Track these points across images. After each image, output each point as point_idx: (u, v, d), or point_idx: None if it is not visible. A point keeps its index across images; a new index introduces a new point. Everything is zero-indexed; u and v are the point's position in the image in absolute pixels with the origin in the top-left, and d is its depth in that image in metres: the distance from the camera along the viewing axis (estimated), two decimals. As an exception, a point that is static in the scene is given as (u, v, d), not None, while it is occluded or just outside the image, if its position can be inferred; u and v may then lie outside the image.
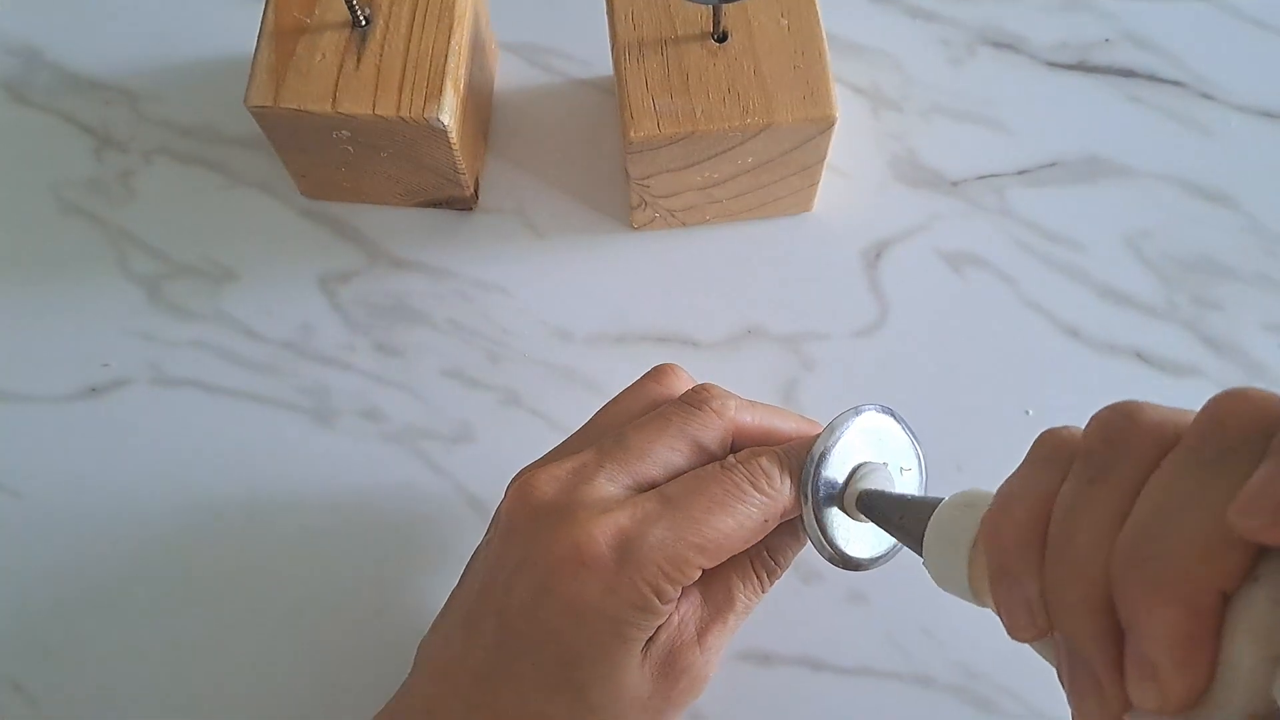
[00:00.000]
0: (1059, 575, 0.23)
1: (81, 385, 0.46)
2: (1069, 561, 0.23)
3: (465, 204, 0.48)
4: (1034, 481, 0.25)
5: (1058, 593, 0.23)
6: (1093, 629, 0.22)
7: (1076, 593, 0.22)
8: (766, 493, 0.32)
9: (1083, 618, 0.22)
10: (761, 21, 0.43)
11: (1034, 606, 0.23)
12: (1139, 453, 0.22)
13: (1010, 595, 0.24)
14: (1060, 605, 0.23)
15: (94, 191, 0.49)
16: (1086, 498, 0.23)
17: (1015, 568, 0.24)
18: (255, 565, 0.43)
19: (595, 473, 0.32)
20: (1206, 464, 0.21)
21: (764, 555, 0.34)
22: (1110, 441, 0.23)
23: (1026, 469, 0.25)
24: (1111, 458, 0.23)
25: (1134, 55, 0.51)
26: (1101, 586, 0.22)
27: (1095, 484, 0.23)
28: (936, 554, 0.28)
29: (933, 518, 0.28)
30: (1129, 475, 0.22)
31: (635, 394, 0.36)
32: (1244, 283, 0.47)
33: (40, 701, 0.41)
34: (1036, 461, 0.25)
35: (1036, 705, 0.40)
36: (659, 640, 0.32)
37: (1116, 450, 0.23)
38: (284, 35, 0.43)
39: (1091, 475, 0.23)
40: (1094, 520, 0.22)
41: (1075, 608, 0.22)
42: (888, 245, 0.47)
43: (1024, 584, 0.24)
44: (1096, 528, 0.22)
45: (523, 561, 0.32)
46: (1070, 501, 0.23)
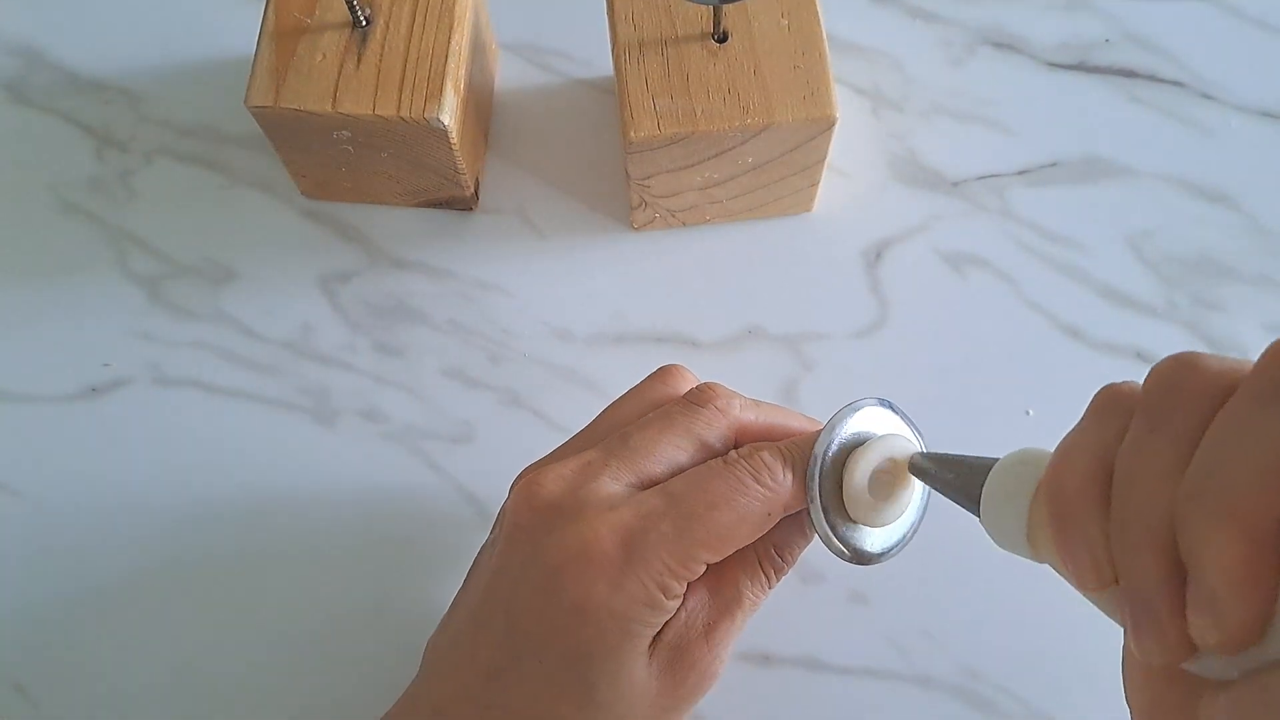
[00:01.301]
0: (1123, 520, 0.23)
1: (82, 385, 0.46)
2: (1133, 506, 0.23)
3: (465, 204, 0.48)
4: (1095, 433, 0.25)
5: (1122, 538, 0.23)
6: (1156, 570, 0.22)
7: (1140, 536, 0.22)
8: (769, 486, 0.32)
9: (1146, 560, 0.22)
10: (762, 22, 0.43)
11: (1099, 554, 0.23)
12: (1200, 400, 0.22)
13: (1075, 544, 0.24)
14: (1124, 549, 0.23)
15: (94, 191, 0.49)
16: (1149, 445, 0.23)
17: (1079, 517, 0.24)
18: (255, 565, 0.43)
19: (600, 471, 0.33)
20: (1268, 402, 0.21)
21: (770, 552, 0.34)
22: (1171, 390, 0.23)
23: (1087, 422, 0.25)
24: (1172, 406, 0.23)
25: (1134, 55, 0.51)
26: (1165, 529, 0.22)
27: (1157, 432, 0.23)
28: (995, 509, 0.28)
29: (991, 473, 0.28)
30: (1190, 422, 0.22)
31: (640, 394, 0.36)
32: (1245, 283, 0.46)
33: (40, 702, 0.41)
34: (1096, 414, 0.25)
35: (1036, 705, 0.40)
36: (666, 637, 0.32)
37: (1177, 398, 0.23)
38: (284, 35, 0.43)
39: (1153, 424, 0.23)
40: (1157, 465, 0.22)
41: (1139, 551, 0.22)
42: (888, 245, 0.47)
43: (1088, 532, 0.24)
44: (1159, 472, 0.22)
45: (529, 560, 0.32)
46: (1133, 449, 0.23)
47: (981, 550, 0.42)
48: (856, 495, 0.32)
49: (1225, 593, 0.20)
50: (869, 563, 0.33)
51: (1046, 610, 0.41)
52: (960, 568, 0.42)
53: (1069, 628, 0.41)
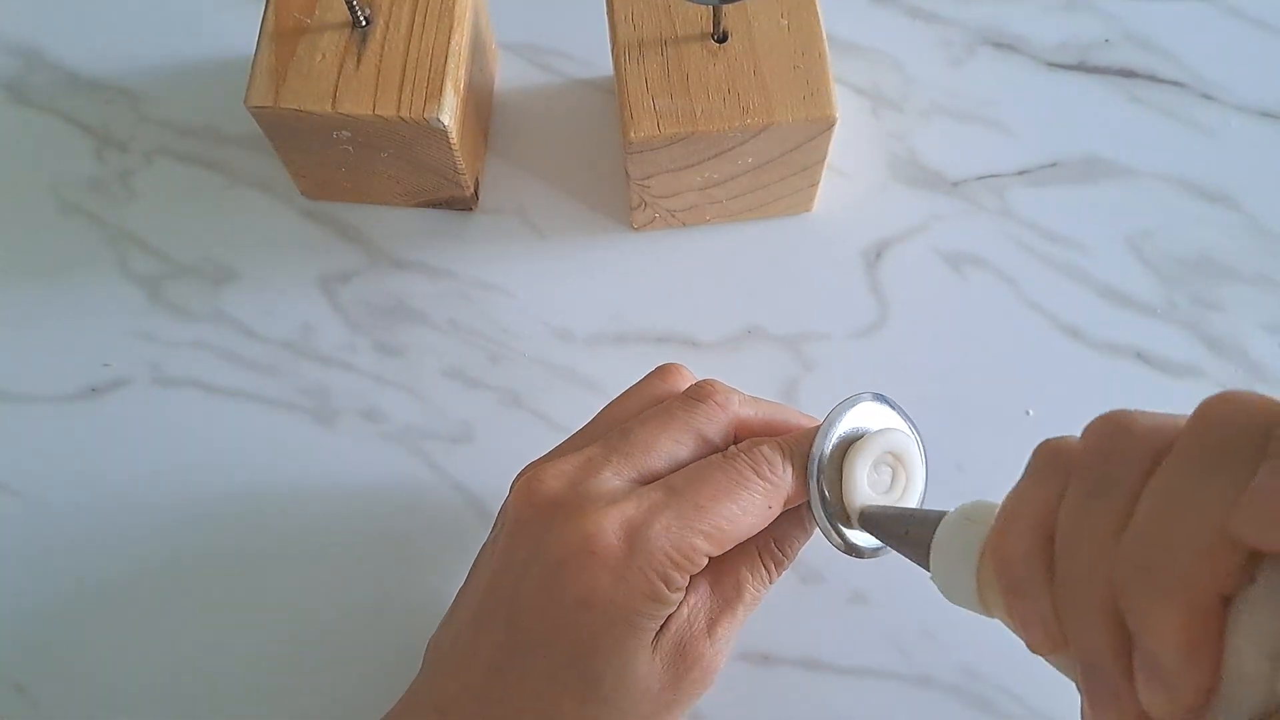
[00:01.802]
0: (1067, 590, 0.23)
1: (82, 385, 0.46)
2: (1076, 576, 0.23)
3: (465, 204, 0.48)
4: (1034, 496, 0.25)
5: (1068, 607, 0.23)
6: (1104, 639, 0.22)
7: (1086, 606, 0.22)
8: (769, 479, 0.32)
9: (1094, 629, 0.22)
10: (762, 22, 0.43)
11: (1048, 621, 0.24)
12: (1134, 463, 0.23)
13: (1024, 612, 0.24)
14: (1071, 618, 0.23)
15: (94, 191, 0.49)
16: (1086, 512, 0.23)
17: (1025, 585, 0.24)
18: (255, 565, 0.43)
19: (601, 467, 0.33)
20: (1200, 469, 0.21)
21: (771, 546, 0.34)
22: (1105, 454, 0.23)
23: (1026, 484, 0.26)
24: (1108, 469, 0.23)
25: (1134, 55, 0.51)
26: (1109, 597, 0.22)
27: (1093, 497, 0.23)
28: (944, 569, 0.28)
29: (937, 533, 0.28)
30: (1126, 486, 0.23)
31: (639, 392, 0.37)
32: (1244, 283, 0.46)
33: (41, 702, 0.41)
34: (1035, 475, 0.25)
35: (1036, 706, 0.40)
36: (669, 631, 0.32)
37: (1111, 462, 0.23)
38: (284, 35, 0.43)
39: (1089, 489, 0.23)
40: (1096, 533, 0.23)
41: (1086, 620, 0.22)
42: (888, 245, 0.47)
43: (1036, 600, 0.24)
44: (1099, 540, 0.22)
45: (531, 556, 0.32)
46: (1071, 517, 0.24)
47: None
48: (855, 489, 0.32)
49: (1171, 664, 0.20)
50: (868, 556, 0.34)
51: (1046, 610, 0.41)
52: (960, 568, 0.42)
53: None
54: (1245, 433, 0.21)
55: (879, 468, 0.33)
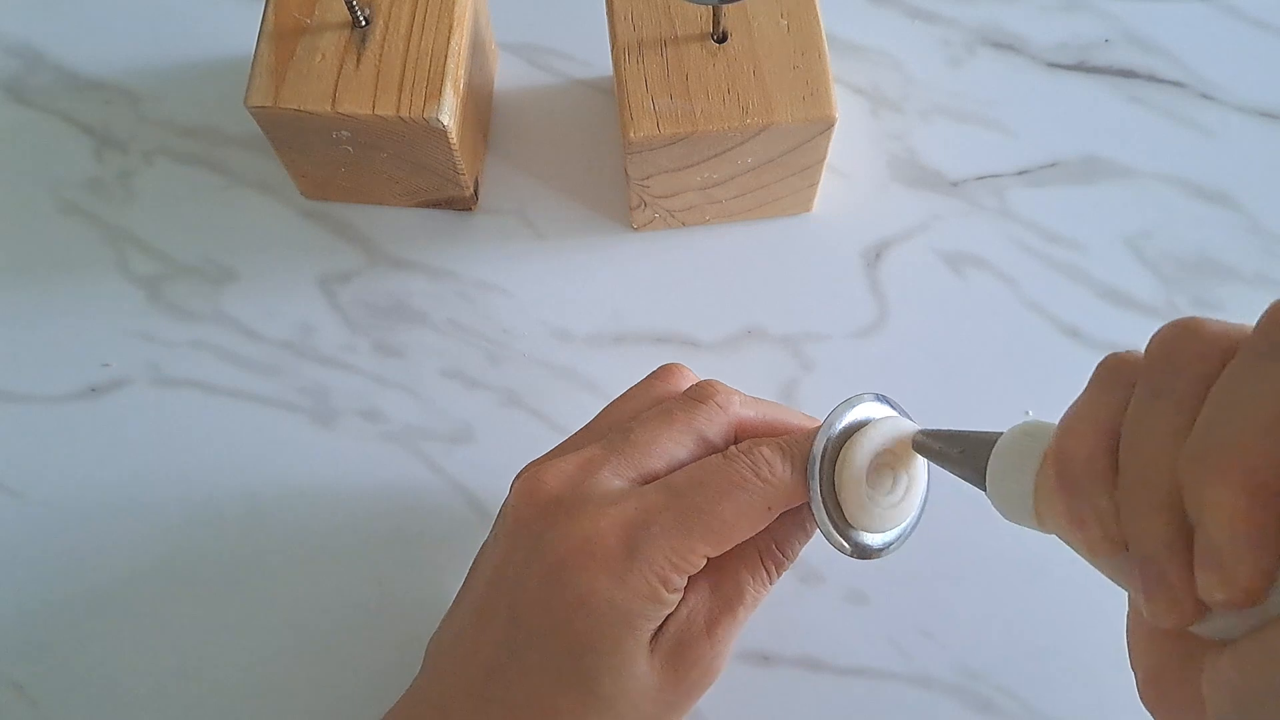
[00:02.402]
0: (1130, 486, 0.23)
1: (81, 385, 0.46)
2: (1139, 472, 0.23)
3: (465, 204, 0.48)
4: (1099, 402, 0.25)
5: (1130, 503, 0.23)
6: (1164, 533, 0.22)
7: (1147, 501, 0.22)
8: (768, 480, 0.32)
9: (1154, 523, 0.22)
10: (761, 22, 0.43)
11: (1108, 522, 0.24)
12: (1201, 363, 0.23)
13: (1084, 513, 0.24)
14: (1132, 515, 0.23)
15: (94, 192, 0.49)
16: (1153, 410, 0.23)
17: (1087, 486, 0.24)
18: (255, 565, 0.43)
19: (601, 467, 0.33)
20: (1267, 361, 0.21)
21: (771, 547, 0.34)
22: (1172, 355, 0.23)
23: (1090, 392, 0.25)
24: (1174, 371, 0.23)
25: (1134, 56, 0.51)
26: (1171, 492, 0.22)
27: (1160, 397, 0.23)
28: (1001, 482, 0.28)
29: (996, 445, 0.28)
30: (1193, 385, 0.22)
31: (640, 392, 0.37)
32: (1244, 283, 0.46)
33: (40, 701, 0.41)
34: (1100, 383, 0.25)
35: (1036, 706, 0.40)
36: (668, 632, 0.32)
37: (1179, 363, 0.23)
38: (284, 35, 0.43)
39: (1156, 389, 0.23)
40: (1161, 430, 0.22)
41: (1147, 515, 0.22)
42: (888, 245, 0.47)
43: (1097, 501, 0.24)
44: (1164, 436, 0.22)
45: (531, 556, 0.32)
46: (1137, 416, 0.23)
47: (981, 550, 0.42)
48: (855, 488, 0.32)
49: (1230, 548, 0.20)
50: (870, 557, 0.33)
51: (1046, 610, 0.41)
52: (960, 568, 0.42)
53: (1068, 628, 0.41)
54: None
55: (880, 471, 0.33)
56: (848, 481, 0.32)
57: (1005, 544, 0.42)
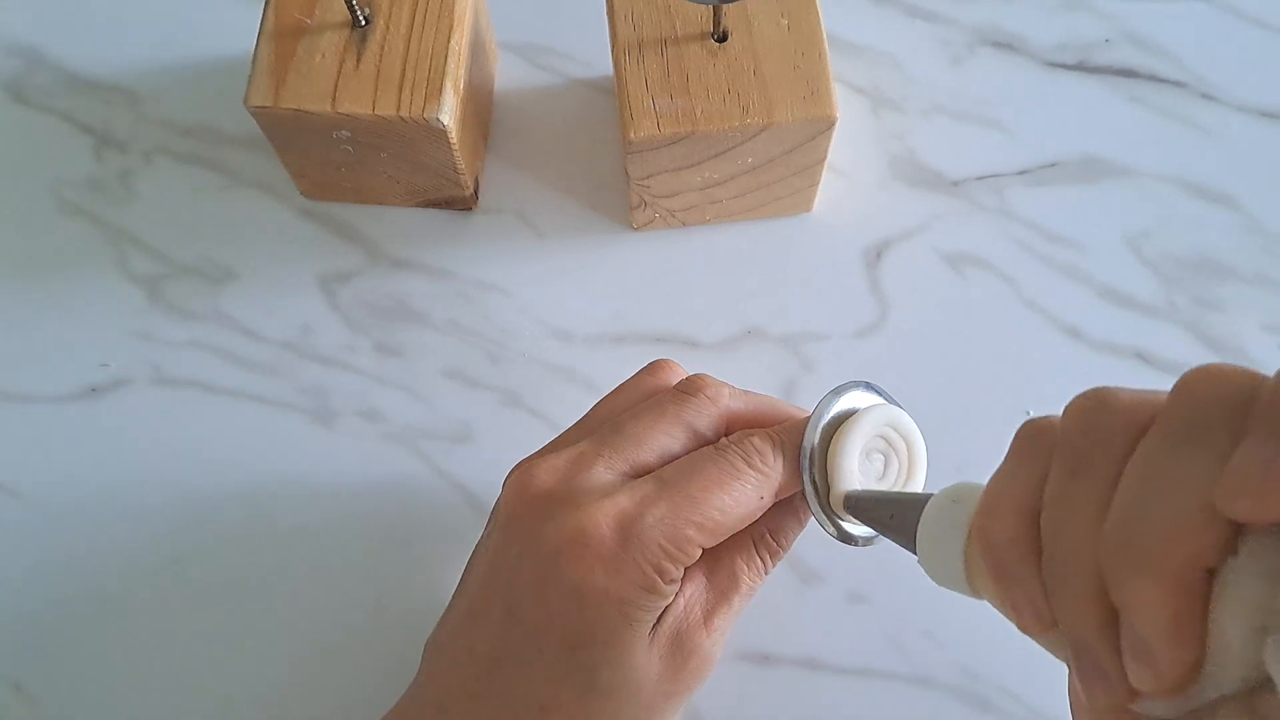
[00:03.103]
0: (1054, 572, 0.23)
1: (81, 385, 0.46)
2: (1061, 557, 0.23)
3: (465, 204, 0.48)
4: (1018, 477, 0.25)
5: (1056, 588, 0.23)
6: (1092, 619, 0.22)
7: (1073, 586, 0.22)
8: (760, 469, 0.32)
9: (1081, 608, 0.22)
10: (762, 21, 0.43)
11: (1037, 602, 0.24)
12: (1115, 440, 0.23)
13: (1013, 594, 0.24)
14: (1059, 599, 0.23)
15: (94, 191, 0.49)
16: (1069, 492, 0.23)
17: (1013, 568, 0.24)
18: (255, 565, 0.43)
19: (593, 461, 0.33)
20: (1181, 443, 0.21)
21: (766, 537, 0.34)
22: (1086, 432, 0.23)
23: (1009, 465, 0.25)
24: (1089, 448, 0.23)
25: (1134, 55, 0.51)
26: (1096, 576, 0.22)
27: (1075, 477, 0.23)
28: (931, 552, 0.28)
29: (923, 517, 0.28)
30: (1108, 463, 0.22)
31: (630, 387, 0.37)
32: (1244, 283, 0.46)
33: (40, 702, 0.41)
34: (1019, 456, 0.25)
35: (1036, 706, 0.40)
36: (666, 623, 0.32)
37: (1093, 440, 0.23)
38: (284, 35, 0.43)
39: (1071, 468, 0.23)
40: (1079, 513, 0.22)
41: (1073, 600, 0.22)
42: (888, 245, 0.47)
43: (1024, 582, 0.24)
44: (1083, 520, 0.22)
45: (525, 551, 0.32)
46: (1055, 498, 0.24)
47: (981, 550, 0.42)
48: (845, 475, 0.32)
49: (1156, 641, 0.20)
50: (863, 544, 0.34)
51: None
52: (960, 568, 0.42)
53: (1069, 628, 0.41)
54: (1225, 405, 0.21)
55: (871, 455, 0.33)
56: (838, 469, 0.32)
57: (1005, 544, 0.42)
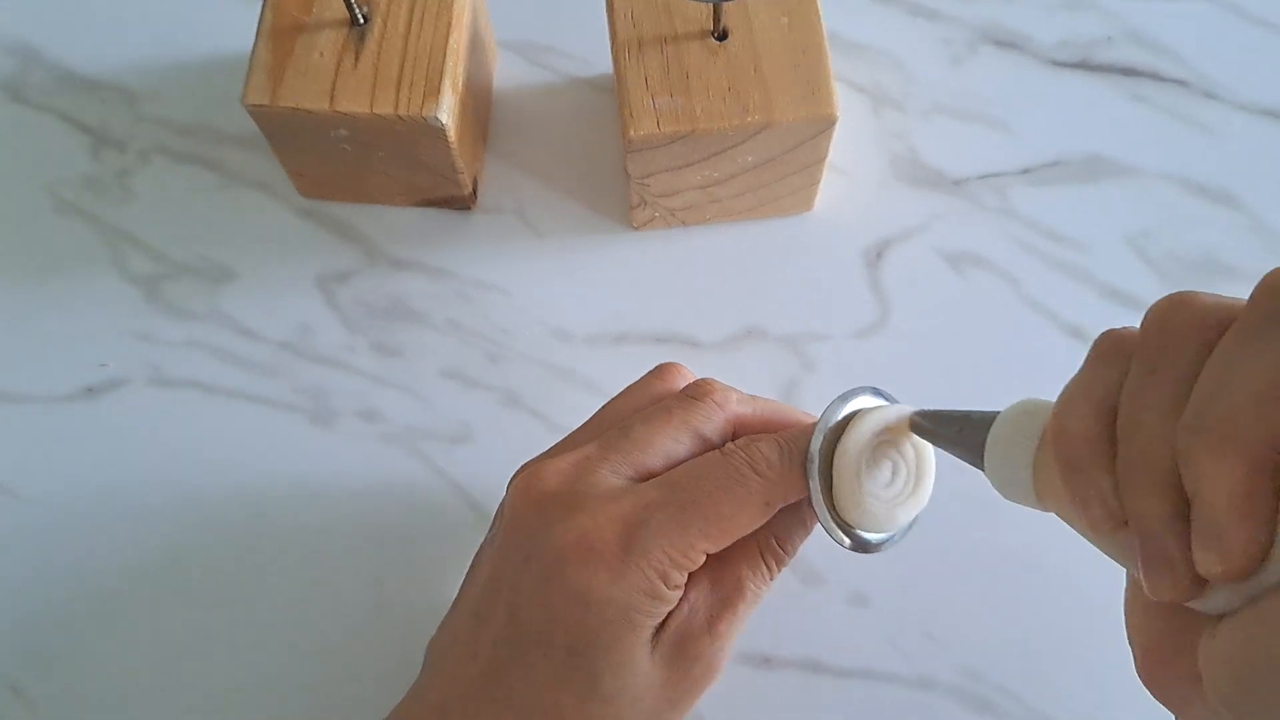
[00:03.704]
0: (1129, 463, 0.23)
1: (79, 385, 0.46)
2: (1137, 449, 0.23)
3: (464, 203, 0.48)
4: (1096, 379, 0.25)
5: (1129, 480, 0.23)
6: (1163, 509, 0.22)
7: (1146, 477, 0.22)
8: (766, 475, 0.32)
9: (1153, 500, 0.22)
10: (762, 20, 0.42)
11: (1109, 499, 0.24)
12: (1195, 336, 0.23)
13: (1085, 491, 0.24)
14: (1132, 492, 0.23)
15: (91, 191, 0.49)
16: (1149, 385, 0.23)
17: (1087, 464, 0.24)
18: (254, 566, 0.43)
19: (599, 464, 0.33)
20: (1263, 333, 0.21)
21: (771, 543, 0.34)
22: (1166, 330, 0.23)
23: (1087, 369, 0.25)
24: (1170, 344, 0.23)
25: (1136, 54, 0.50)
26: (1169, 467, 0.22)
27: (1156, 372, 0.23)
28: (1000, 460, 0.28)
29: (994, 425, 0.28)
30: (1187, 359, 0.23)
31: (637, 391, 0.37)
32: (1246, 282, 0.46)
33: (38, 703, 0.41)
34: (1096, 361, 0.25)
35: (1037, 707, 0.40)
36: (670, 628, 0.32)
37: (1174, 337, 0.23)
38: (282, 34, 0.43)
39: (1152, 364, 0.23)
40: (1157, 405, 0.23)
41: (1146, 492, 0.22)
42: (889, 245, 0.47)
43: (1097, 479, 0.24)
44: (1160, 412, 0.22)
45: (530, 553, 0.32)
46: (1134, 392, 0.24)
47: (982, 551, 0.42)
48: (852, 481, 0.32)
49: (1227, 521, 0.20)
50: (870, 550, 0.33)
51: (1046, 610, 0.41)
52: (960, 568, 0.42)
53: (1068, 628, 0.41)
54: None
55: (879, 460, 0.33)
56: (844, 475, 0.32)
57: (1006, 544, 0.42)
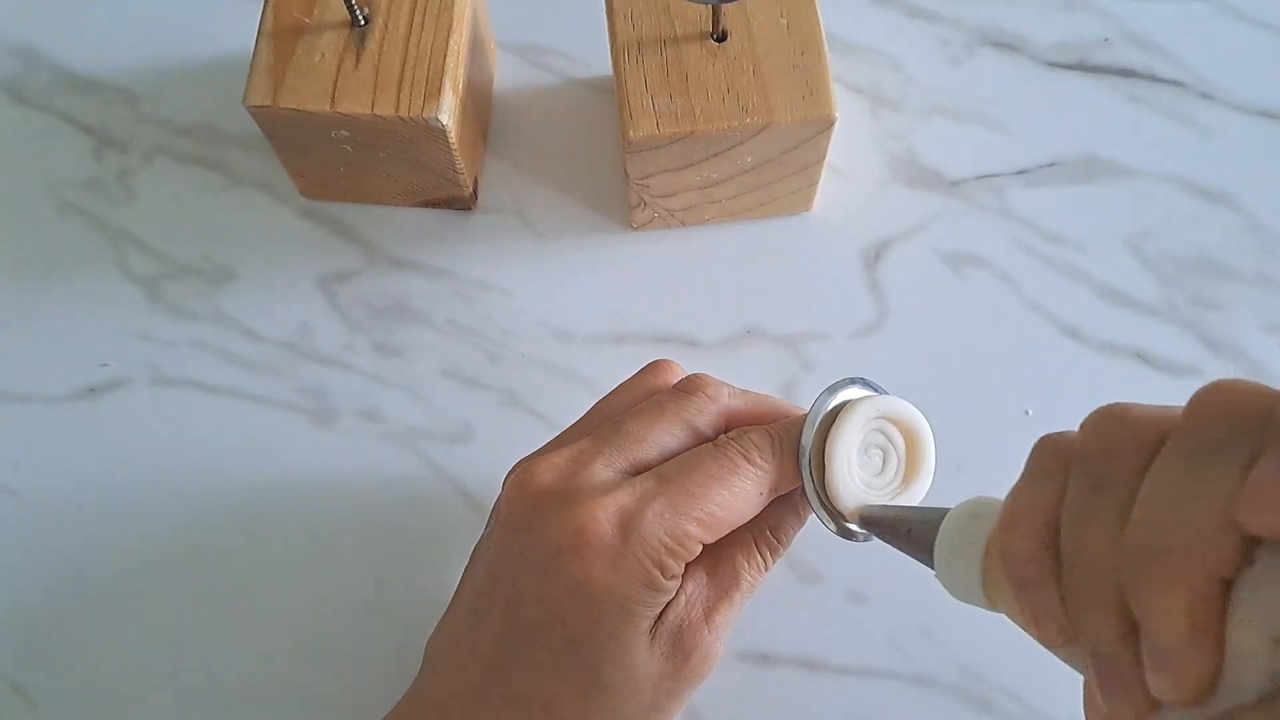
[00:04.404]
0: (1074, 584, 0.23)
1: (80, 385, 0.46)
2: (1082, 569, 0.23)
3: (464, 204, 0.48)
4: (1037, 492, 0.25)
5: (1076, 600, 0.23)
6: (1112, 629, 0.22)
7: (1093, 597, 0.23)
8: (759, 465, 0.32)
9: (1102, 619, 0.22)
10: (761, 21, 0.43)
11: (1058, 614, 0.24)
12: (1132, 454, 0.23)
13: (1034, 607, 0.25)
14: (1080, 610, 0.23)
15: (93, 191, 0.49)
16: (1088, 505, 0.23)
17: (1034, 581, 0.24)
18: (255, 565, 0.43)
19: (593, 459, 0.33)
20: (1197, 458, 0.21)
21: (766, 533, 0.34)
22: (1104, 446, 0.24)
23: (1029, 481, 0.26)
24: (1107, 462, 0.23)
25: (1134, 55, 0.51)
26: (1116, 587, 0.22)
27: (1094, 491, 0.23)
28: (949, 566, 0.28)
29: (941, 531, 0.28)
30: (1126, 477, 0.23)
31: (630, 387, 0.37)
32: (1244, 283, 0.46)
33: (39, 702, 0.41)
34: (1037, 472, 0.26)
35: (1036, 706, 0.40)
36: (667, 619, 0.32)
37: (1110, 454, 0.23)
38: (283, 35, 0.43)
39: (1090, 482, 0.24)
40: (1099, 526, 0.23)
41: (1094, 611, 0.23)
42: (887, 245, 0.47)
43: (1045, 594, 0.24)
44: (1103, 532, 0.23)
45: (526, 548, 0.32)
46: (1075, 512, 0.24)
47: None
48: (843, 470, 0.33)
49: (1175, 649, 0.21)
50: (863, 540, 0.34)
51: (1046, 610, 0.41)
52: (960, 568, 0.42)
53: (1068, 628, 0.41)
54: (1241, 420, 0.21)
55: (869, 449, 0.33)
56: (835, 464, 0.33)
57: (1005, 544, 0.42)
